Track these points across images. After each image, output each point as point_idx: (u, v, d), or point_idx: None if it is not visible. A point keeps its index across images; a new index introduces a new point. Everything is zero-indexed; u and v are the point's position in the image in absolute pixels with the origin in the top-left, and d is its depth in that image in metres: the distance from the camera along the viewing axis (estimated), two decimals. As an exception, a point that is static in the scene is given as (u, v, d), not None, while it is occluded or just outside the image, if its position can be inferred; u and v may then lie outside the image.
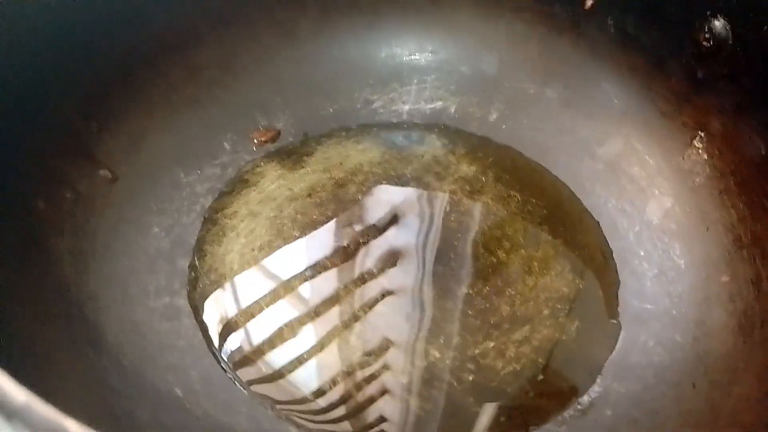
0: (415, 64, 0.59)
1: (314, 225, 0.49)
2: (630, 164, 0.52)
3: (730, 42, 0.46)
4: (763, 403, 0.35)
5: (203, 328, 0.43)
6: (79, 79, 0.44)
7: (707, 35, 0.47)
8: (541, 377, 0.42)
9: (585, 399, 0.41)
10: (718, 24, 0.46)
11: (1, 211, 0.36)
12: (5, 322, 0.32)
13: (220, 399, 0.39)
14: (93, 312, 0.39)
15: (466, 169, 0.54)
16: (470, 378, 0.41)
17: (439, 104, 0.59)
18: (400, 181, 0.53)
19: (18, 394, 0.22)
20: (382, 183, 0.53)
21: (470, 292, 0.45)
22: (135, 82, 0.48)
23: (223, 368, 0.41)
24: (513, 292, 0.46)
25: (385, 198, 0.52)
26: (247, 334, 0.43)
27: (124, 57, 0.47)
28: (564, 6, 0.53)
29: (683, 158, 0.49)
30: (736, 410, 0.36)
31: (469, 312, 0.44)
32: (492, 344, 0.43)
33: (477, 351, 0.43)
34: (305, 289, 0.45)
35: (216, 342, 0.42)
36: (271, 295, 0.45)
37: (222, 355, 0.41)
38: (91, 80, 0.45)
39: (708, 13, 0.47)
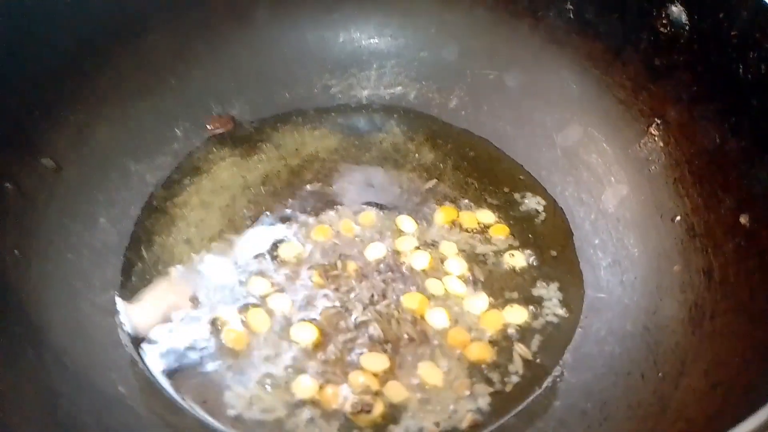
0: (375, 49, 0.58)
1: (267, 214, 0.48)
2: (588, 152, 0.52)
3: (687, 29, 0.45)
4: (710, 397, 0.35)
5: (142, 325, 0.42)
6: (23, 68, 0.43)
7: (665, 22, 0.47)
8: (500, 368, 0.42)
9: (535, 389, 0.41)
10: (676, 10, 0.46)
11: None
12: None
13: (164, 396, 0.38)
14: (35, 311, 0.38)
15: (425, 156, 0.54)
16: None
17: (398, 90, 0.58)
18: (357, 168, 0.52)
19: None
20: (338, 170, 0.52)
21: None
22: (82, 72, 0.47)
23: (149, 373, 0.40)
24: (474, 280, 0.46)
25: (341, 186, 0.51)
26: (189, 329, 0.42)
27: (71, 46, 0.46)
28: (524, -9, 0.53)
29: (639, 146, 0.49)
30: (683, 402, 0.36)
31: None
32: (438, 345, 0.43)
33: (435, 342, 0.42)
34: (258, 283, 0.44)
35: (152, 340, 0.42)
36: (219, 288, 0.44)
37: (152, 355, 0.41)
38: (35, 70, 0.44)
39: (666, -1, 0.46)
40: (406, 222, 0.48)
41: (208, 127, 0.53)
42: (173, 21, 0.51)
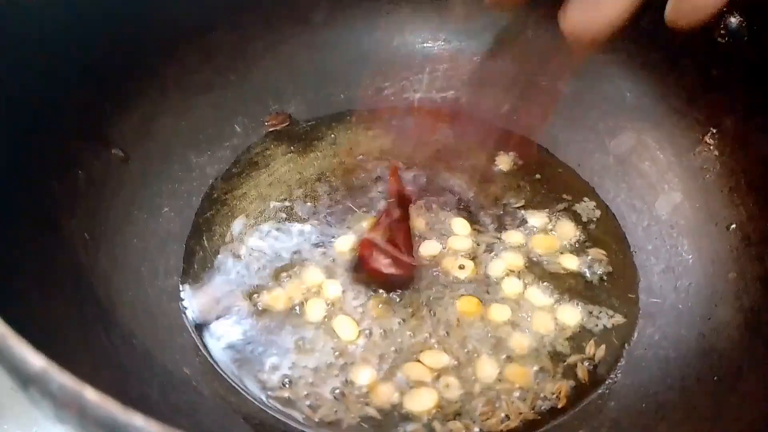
0: (428, 53, 0.59)
1: (323, 209, 0.49)
2: (641, 159, 0.52)
3: (745, 40, 0.46)
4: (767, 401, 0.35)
5: (204, 311, 0.43)
6: (95, 61, 0.44)
7: (723, 32, 0.47)
8: (558, 368, 0.42)
9: (591, 392, 0.41)
10: (734, 21, 0.46)
11: (16, 191, 0.36)
12: (20, 300, 0.32)
13: (227, 380, 0.39)
14: (104, 292, 0.39)
15: (477, 158, 0.54)
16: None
17: (450, 93, 0.58)
18: (409, 168, 0.53)
19: (35, 360, 0.22)
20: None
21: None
22: (149, 66, 0.48)
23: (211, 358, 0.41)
24: (527, 282, 0.46)
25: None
26: (249, 316, 0.43)
27: (140, 41, 0.47)
28: None
29: (694, 155, 0.49)
30: (740, 406, 0.37)
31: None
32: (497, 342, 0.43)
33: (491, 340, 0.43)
34: (313, 273, 0.45)
35: (214, 326, 0.43)
36: (277, 277, 0.45)
37: (214, 340, 0.42)
38: (106, 63, 0.45)
39: (724, 9, 0.46)
40: (459, 222, 0.49)
41: (265, 123, 0.54)
42: (236, 21, 0.52)
